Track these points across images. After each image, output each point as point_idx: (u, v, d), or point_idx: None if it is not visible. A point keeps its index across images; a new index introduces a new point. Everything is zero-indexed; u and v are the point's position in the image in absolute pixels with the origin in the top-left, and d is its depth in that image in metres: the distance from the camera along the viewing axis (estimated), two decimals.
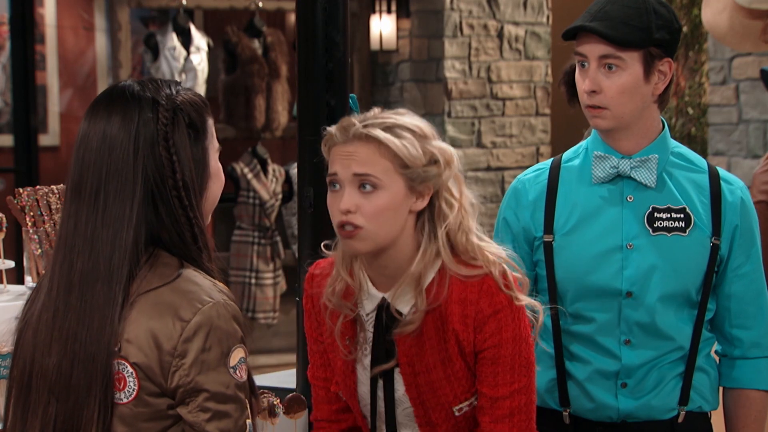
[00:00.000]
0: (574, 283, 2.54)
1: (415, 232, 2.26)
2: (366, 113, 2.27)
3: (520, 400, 2.24)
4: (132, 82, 2.04)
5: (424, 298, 2.22)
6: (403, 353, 2.25)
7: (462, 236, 2.25)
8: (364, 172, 2.18)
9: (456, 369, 2.24)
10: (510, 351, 2.22)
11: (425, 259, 2.23)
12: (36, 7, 6.96)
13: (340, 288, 2.29)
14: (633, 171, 2.53)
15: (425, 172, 2.21)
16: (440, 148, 2.25)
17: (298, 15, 3.07)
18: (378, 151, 2.19)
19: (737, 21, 4.54)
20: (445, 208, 2.25)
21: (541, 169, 2.65)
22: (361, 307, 2.29)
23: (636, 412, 2.55)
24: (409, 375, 2.26)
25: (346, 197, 2.20)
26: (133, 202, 1.96)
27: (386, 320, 2.26)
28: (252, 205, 7.35)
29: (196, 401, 1.93)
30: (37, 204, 3.00)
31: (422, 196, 2.23)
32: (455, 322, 2.22)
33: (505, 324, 2.22)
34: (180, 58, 7.13)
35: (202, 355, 1.93)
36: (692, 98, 7.16)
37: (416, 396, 2.27)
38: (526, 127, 7.62)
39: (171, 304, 1.94)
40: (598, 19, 2.47)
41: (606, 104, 2.49)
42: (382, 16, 7.50)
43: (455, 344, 2.23)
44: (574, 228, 2.56)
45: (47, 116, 7.09)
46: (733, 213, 2.55)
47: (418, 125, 2.24)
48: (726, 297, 2.58)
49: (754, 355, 2.59)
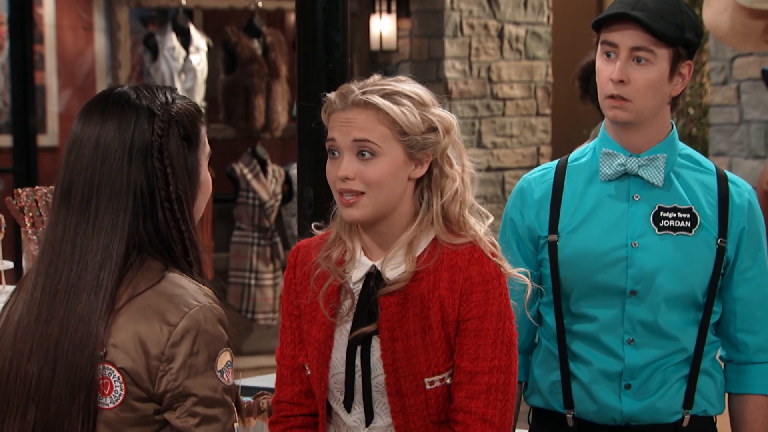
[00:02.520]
0: (578, 281, 2.53)
1: (414, 199, 2.27)
2: (365, 80, 2.28)
3: (498, 378, 2.22)
4: (128, 89, 2.02)
5: (414, 260, 2.23)
6: (385, 318, 2.25)
7: (456, 207, 2.26)
8: (363, 138, 2.19)
9: (435, 338, 2.23)
10: (494, 325, 2.22)
11: (421, 228, 2.25)
12: (35, 7, 6.95)
13: (337, 254, 2.29)
14: (641, 169, 2.52)
15: (424, 139, 2.22)
16: (439, 115, 2.26)
17: (298, 15, 3.07)
18: (376, 118, 2.20)
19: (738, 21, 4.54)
20: (444, 177, 2.26)
21: (547, 169, 2.64)
22: (348, 275, 2.29)
23: (640, 414, 2.53)
24: (387, 340, 2.25)
25: (345, 164, 2.21)
26: (125, 213, 1.95)
27: (374, 286, 2.26)
28: (251, 205, 7.34)
29: (184, 406, 1.92)
30: (35, 205, 2.99)
31: (421, 164, 2.24)
32: (443, 288, 2.22)
33: (492, 296, 2.22)
34: (179, 58, 7.12)
35: (189, 359, 1.91)
36: (693, 98, 7.15)
37: (391, 362, 2.25)
38: (527, 128, 7.61)
39: (157, 308, 1.92)
40: (638, 9, 2.44)
41: (630, 96, 2.47)
42: (382, 15, 7.49)
43: (438, 311, 2.23)
44: (580, 225, 2.55)
45: (46, 116, 7.08)
46: (741, 215, 2.54)
47: (417, 92, 2.25)
48: (732, 300, 2.56)
49: (759, 360, 2.58)
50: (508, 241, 2.63)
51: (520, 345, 2.65)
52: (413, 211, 2.26)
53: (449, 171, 2.26)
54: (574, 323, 2.56)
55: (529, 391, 2.67)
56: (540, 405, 2.64)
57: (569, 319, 2.56)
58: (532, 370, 2.65)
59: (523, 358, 2.67)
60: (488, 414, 2.21)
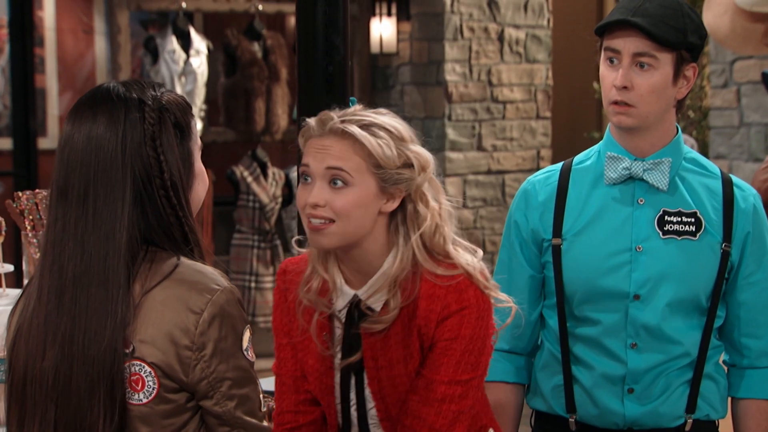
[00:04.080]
0: (581, 284, 2.53)
1: (389, 233, 2.25)
2: (346, 109, 2.26)
3: (455, 390, 2.21)
4: (116, 84, 2.04)
5: (399, 297, 2.21)
6: (368, 347, 2.24)
7: (439, 239, 2.24)
8: (337, 166, 2.17)
9: (417, 366, 2.23)
10: (462, 347, 2.20)
11: (399, 262, 2.22)
12: (35, 10, 6.95)
13: (317, 285, 2.28)
14: (645, 173, 2.52)
15: (398, 174, 2.20)
16: (416, 152, 2.24)
17: (298, 18, 3.06)
18: (352, 148, 2.18)
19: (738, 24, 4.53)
20: (419, 213, 2.24)
21: (551, 171, 2.64)
22: (334, 303, 2.28)
23: (642, 419, 2.53)
24: (372, 369, 2.25)
25: (316, 191, 2.20)
26: (123, 203, 1.96)
27: (357, 316, 2.25)
28: (252, 208, 7.34)
29: (220, 391, 1.95)
30: (36, 207, 2.99)
31: (393, 198, 2.22)
32: (420, 317, 2.21)
33: (467, 321, 2.20)
34: (180, 61, 7.12)
35: (219, 344, 1.95)
36: (693, 101, 7.15)
37: (377, 390, 2.26)
38: (527, 131, 7.61)
39: (180, 297, 1.94)
40: (638, 15, 2.44)
41: (634, 102, 2.47)
42: (382, 19, 7.49)
43: (417, 339, 2.22)
44: (584, 229, 2.54)
45: (46, 119, 7.08)
46: (746, 220, 2.53)
47: (395, 127, 2.24)
48: (736, 305, 2.56)
49: (763, 365, 2.58)
50: (511, 244, 2.62)
51: (523, 347, 2.65)
52: (388, 244, 2.24)
53: (422, 209, 2.24)
54: (577, 326, 2.55)
55: (531, 394, 2.67)
56: (542, 408, 2.63)
57: (572, 322, 2.55)
58: (534, 373, 2.65)
59: (526, 361, 2.67)
60: (437, 423, 2.20)
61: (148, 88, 2.02)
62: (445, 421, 2.20)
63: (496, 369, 2.62)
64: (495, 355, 2.62)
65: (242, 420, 1.96)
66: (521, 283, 2.60)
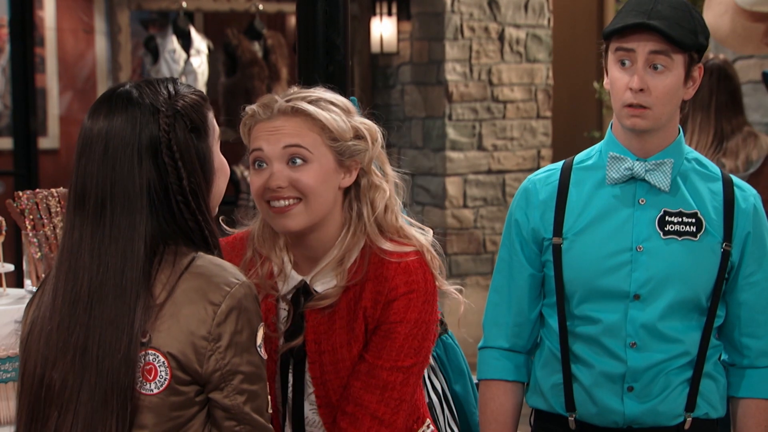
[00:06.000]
0: (582, 284, 2.52)
1: (343, 210, 2.24)
2: (286, 90, 2.26)
3: (397, 377, 2.21)
4: (130, 87, 2.02)
5: (345, 275, 2.21)
6: (311, 330, 2.23)
7: (391, 216, 2.25)
8: (295, 143, 2.17)
9: (361, 349, 2.22)
10: (406, 331, 2.20)
11: (352, 240, 2.22)
12: (36, 9, 6.95)
13: (265, 271, 2.27)
14: (647, 174, 2.51)
15: (354, 146, 2.21)
16: (365, 123, 2.25)
17: (299, 17, 3.06)
18: (305, 124, 2.18)
19: (739, 24, 4.53)
20: (372, 186, 2.24)
21: (552, 170, 2.63)
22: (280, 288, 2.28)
23: (642, 417, 2.53)
24: (315, 353, 2.24)
25: (276, 173, 2.18)
26: (141, 214, 1.96)
27: (303, 300, 2.24)
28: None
29: (232, 384, 1.95)
30: (36, 207, 2.99)
31: (350, 172, 2.23)
32: (366, 299, 2.21)
33: (414, 305, 2.20)
34: (180, 61, 7.12)
35: (235, 337, 1.94)
36: None
37: (319, 375, 2.25)
38: (527, 130, 7.61)
39: (199, 289, 1.94)
40: (654, 18, 2.43)
41: (650, 104, 2.46)
42: (382, 18, 7.49)
43: (362, 322, 2.21)
44: (585, 228, 2.54)
45: (47, 119, 7.08)
46: (746, 220, 2.53)
47: (341, 100, 2.25)
48: (736, 305, 2.56)
49: (762, 364, 2.58)
50: (511, 242, 2.62)
51: (523, 345, 2.65)
52: (342, 222, 2.24)
53: (378, 180, 2.24)
54: (577, 325, 2.55)
55: (530, 392, 2.67)
56: (542, 407, 2.63)
57: (572, 321, 2.55)
58: (534, 372, 2.65)
59: (526, 359, 2.67)
60: (379, 411, 2.20)
61: (162, 90, 2.01)
62: (388, 409, 2.20)
63: (496, 367, 2.62)
64: (494, 353, 2.63)
65: (250, 416, 1.96)
66: (521, 281, 2.60)
